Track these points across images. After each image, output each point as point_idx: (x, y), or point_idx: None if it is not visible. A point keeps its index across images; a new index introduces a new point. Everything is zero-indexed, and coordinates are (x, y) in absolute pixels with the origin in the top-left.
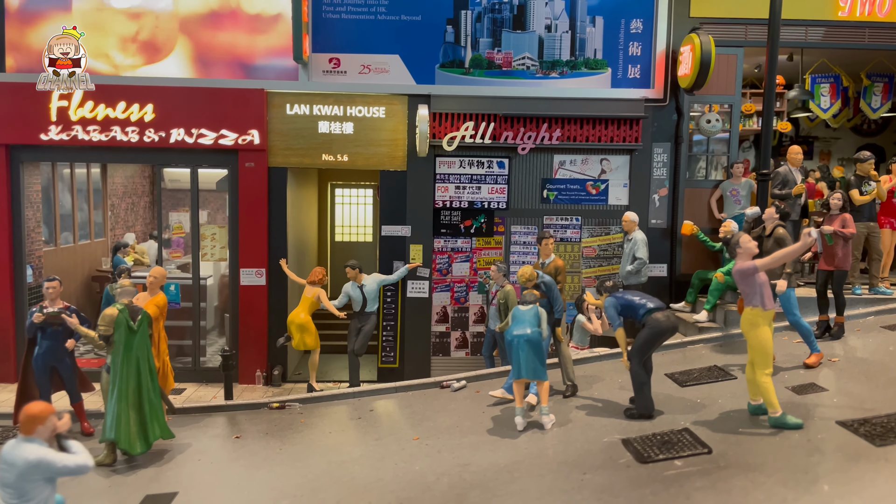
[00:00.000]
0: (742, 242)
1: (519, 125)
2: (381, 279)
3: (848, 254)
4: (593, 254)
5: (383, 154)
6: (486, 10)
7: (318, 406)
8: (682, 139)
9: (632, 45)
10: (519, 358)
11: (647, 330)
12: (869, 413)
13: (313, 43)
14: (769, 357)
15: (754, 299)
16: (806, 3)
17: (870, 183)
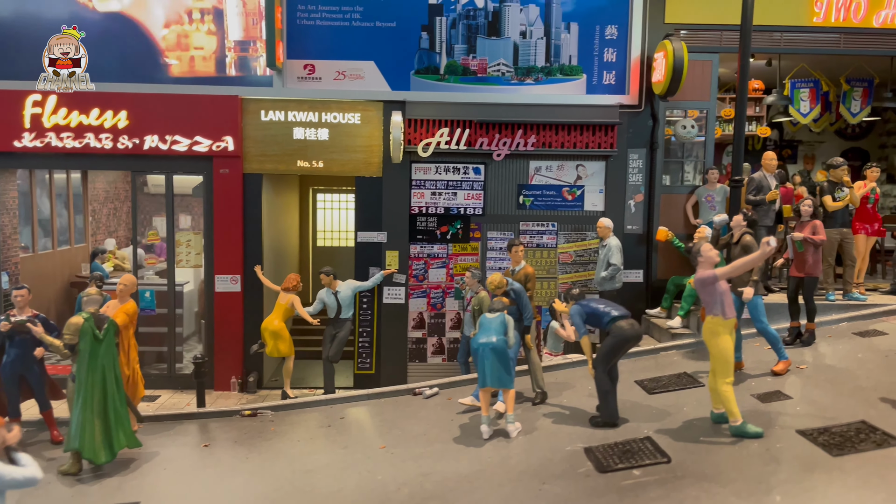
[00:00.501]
0: (703, 251)
1: (494, 131)
2: (356, 286)
3: (818, 260)
4: (569, 260)
5: (359, 160)
6: (460, 17)
7: (290, 413)
8: (658, 145)
9: (607, 52)
10: (484, 366)
11: (611, 338)
12: (830, 422)
13: (288, 49)
14: (730, 366)
15: (715, 308)
16: (781, 10)
17: (843, 189)
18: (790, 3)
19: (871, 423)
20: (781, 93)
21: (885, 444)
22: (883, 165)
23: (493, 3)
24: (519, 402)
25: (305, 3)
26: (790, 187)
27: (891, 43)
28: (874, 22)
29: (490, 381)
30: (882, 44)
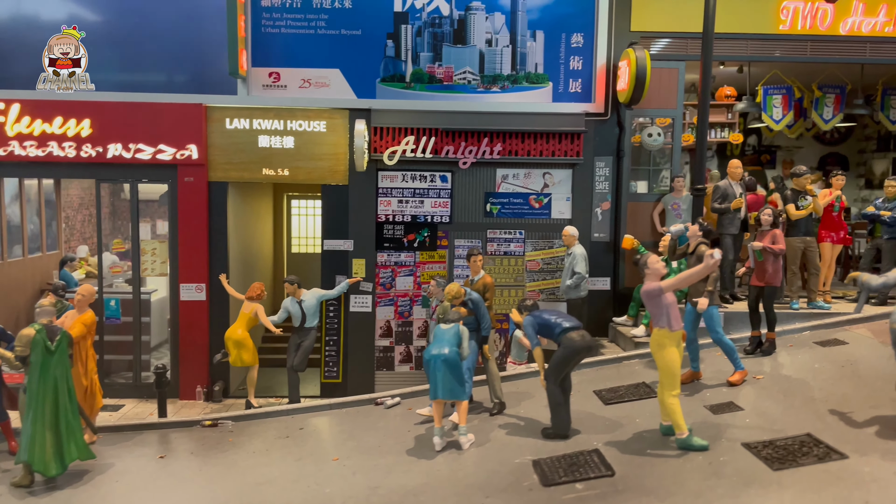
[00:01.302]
0: (649, 263)
1: (460, 139)
2: (321, 294)
3: (778, 270)
4: (537, 267)
5: (324, 168)
6: (426, 25)
7: (250, 424)
8: (624, 153)
9: (573, 60)
10: (436, 378)
11: (562, 349)
12: (776, 434)
13: (253, 57)
14: (676, 378)
15: (661, 320)
16: (747, 18)
17: (806, 198)
18: (757, 12)
19: (817, 437)
20: (752, 100)
21: (827, 458)
22: (861, 171)
23: (459, 11)
24: (477, 413)
25: (270, 11)
26: (761, 194)
27: (857, 50)
28: (841, 30)
29: (441, 394)
30: (849, 51)
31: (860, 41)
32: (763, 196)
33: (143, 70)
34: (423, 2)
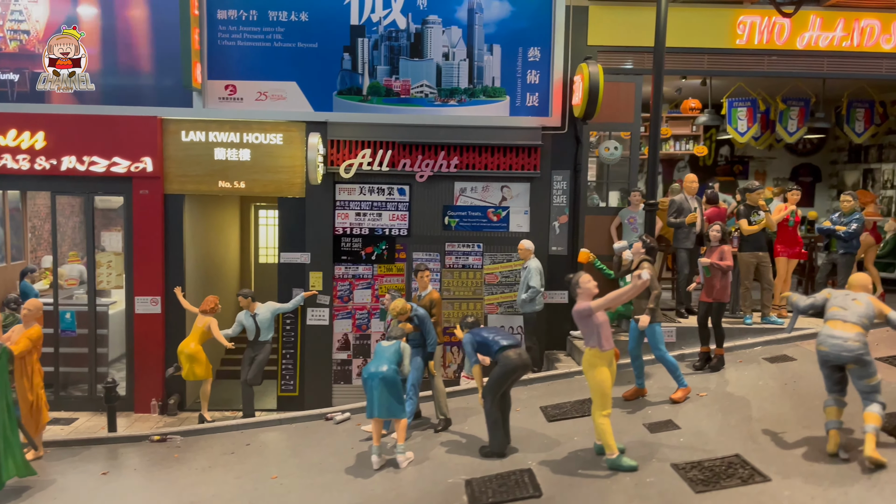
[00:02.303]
0: (581, 283)
1: (417, 152)
2: (276, 308)
3: (726, 286)
4: (495, 280)
5: (281, 181)
6: (382, 38)
7: (199, 439)
8: (581, 167)
9: (530, 74)
10: (372, 396)
11: (499, 367)
12: (707, 455)
13: (209, 70)
14: (607, 398)
15: (591, 340)
16: (705, 32)
17: (759, 213)
18: (714, 26)
19: (745, 458)
20: (714, 112)
21: (750, 481)
22: (833, 181)
23: (416, 24)
24: (422, 429)
25: (226, 23)
26: (723, 207)
27: (815, 65)
28: (798, 44)
29: (378, 412)
30: (806, 65)
31: (818, 55)
32: (725, 209)
33: (98, 82)
34: (379, 15)
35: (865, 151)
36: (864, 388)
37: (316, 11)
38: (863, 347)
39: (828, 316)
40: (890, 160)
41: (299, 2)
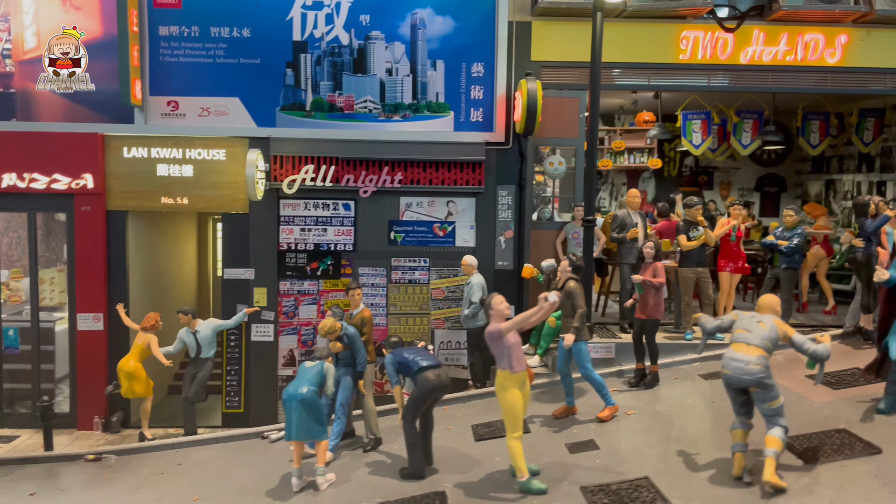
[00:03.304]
0: (493, 304)
1: (361, 168)
2: (217, 324)
3: (659, 303)
4: (442, 295)
5: (225, 196)
6: (325, 54)
7: (133, 458)
8: (525, 182)
9: (474, 89)
10: (291, 418)
11: (418, 389)
12: (617, 477)
13: (151, 86)
14: (517, 420)
15: (502, 362)
16: (648, 47)
17: (698, 228)
18: (657, 42)
19: (653, 481)
20: (663, 126)
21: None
22: (798, 192)
23: (358, 40)
24: (352, 448)
25: (168, 40)
26: (674, 220)
27: (759, 79)
28: (741, 59)
29: (296, 434)
30: (750, 80)
31: (762, 70)
32: (676, 223)
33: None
34: (322, 31)
35: (827, 162)
36: (767, 411)
37: (258, 27)
38: (764, 371)
39: (732, 338)
40: (850, 171)
41: (241, 18)
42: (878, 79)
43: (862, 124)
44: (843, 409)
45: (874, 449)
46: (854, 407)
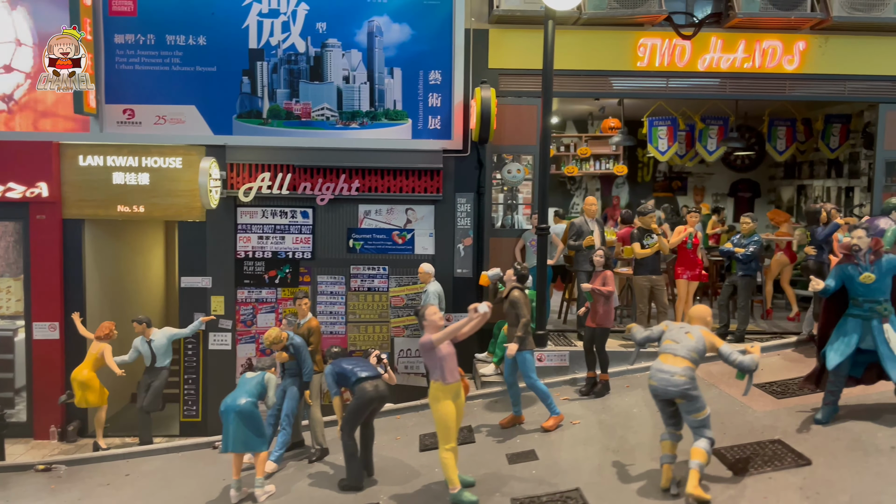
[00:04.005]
0: (427, 315)
1: (318, 175)
2: (172, 333)
3: (609, 311)
4: (401, 303)
5: (181, 205)
6: (282, 62)
7: (84, 468)
8: (484, 189)
9: (431, 97)
10: (228, 430)
11: (355, 399)
12: (550, 489)
13: (107, 94)
14: (450, 432)
15: (435, 373)
16: (607, 56)
17: (652, 236)
18: (615, 49)
19: (583, 492)
20: (625, 133)
21: None
22: (771, 197)
23: (315, 48)
24: (298, 459)
25: (124, 48)
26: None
27: (717, 86)
28: (699, 66)
29: (233, 446)
30: (708, 87)
31: (719, 77)
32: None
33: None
34: (278, 39)
35: (799, 168)
36: (692, 422)
37: (214, 35)
38: (689, 382)
39: (660, 349)
40: (820, 177)
41: (197, 26)
42: (837, 85)
43: (828, 130)
44: (782, 419)
45: (804, 461)
46: (794, 417)
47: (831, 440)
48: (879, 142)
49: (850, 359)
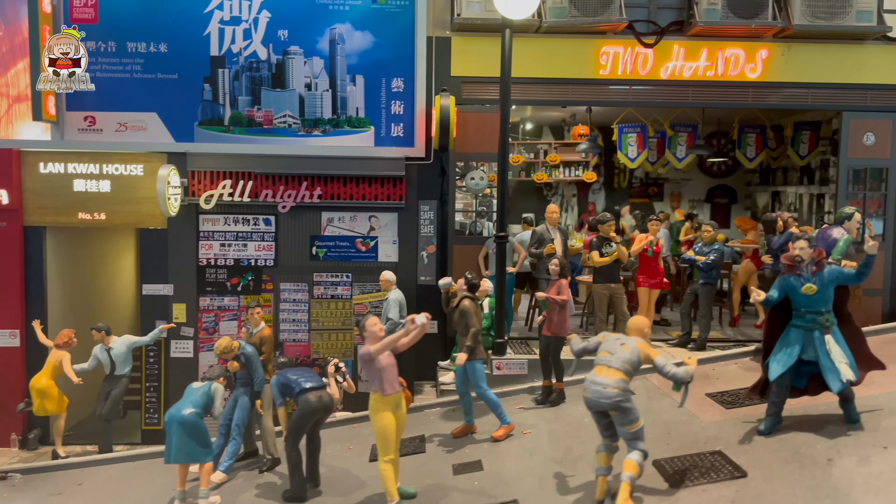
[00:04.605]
0: (367, 326)
1: (280, 183)
2: (132, 341)
3: (564, 320)
4: (365, 311)
5: (142, 212)
6: (243, 69)
7: (39, 476)
8: (447, 196)
9: (394, 104)
10: (171, 440)
11: (298, 410)
12: (489, 500)
13: (67, 101)
14: (389, 444)
15: (374, 384)
16: (569, 64)
17: (611, 245)
18: (577, 57)
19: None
20: (593, 141)
21: None
22: (748, 203)
23: (277, 55)
24: (249, 469)
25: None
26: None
27: (679, 94)
28: (662, 74)
29: (175, 457)
30: (671, 95)
31: (682, 85)
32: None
33: None
34: (240, 46)
35: (773, 174)
36: (626, 434)
37: (175, 42)
38: (622, 394)
39: (596, 360)
40: (793, 183)
41: (158, 33)
42: (800, 93)
43: (797, 137)
44: (727, 430)
45: (740, 473)
46: (739, 427)
47: (771, 452)
48: (843, 149)
49: (792, 370)
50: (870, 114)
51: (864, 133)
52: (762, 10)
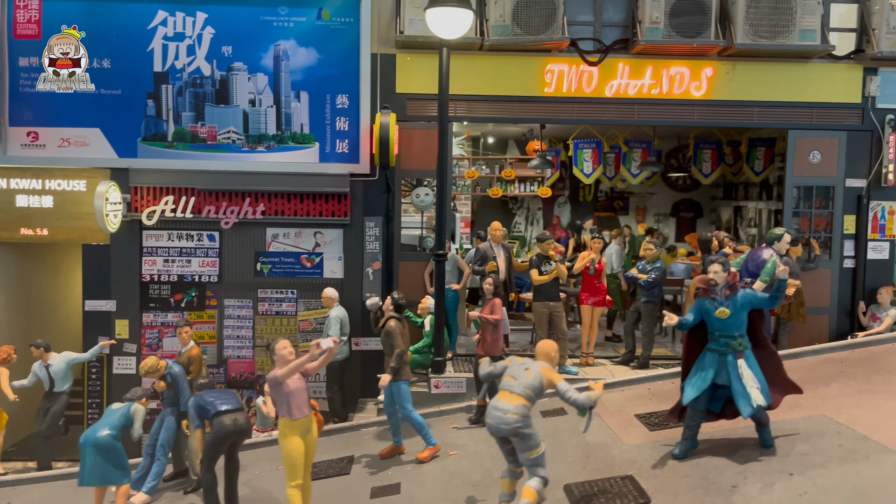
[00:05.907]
0: (276, 349)
1: (223, 199)
2: (71, 358)
3: (497, 339)
4: (310, 327)
5: (85, 228)
6: (187, 85)
7: None
8: (393, 213)
9: (339, 121)
10: (84, 463)
11: (213, 433)
12: None
13: (10, 117)
14: (296, 469)
15: (281, 408)
16: (514, 81)
17: (550, 263)
18: (523, 74)
19: None
20: (543, 158)
21: None
22: (712, 217)
23: (221, 71)
24: (175, 490)
25: (28, 70)
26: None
27: (625, 112)
28: (607, 92)
29: (88, 480)
30: (616, 113)
31: (627, 103)
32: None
33: None
34: (183, 62)
35: (735, 189)
36: (525, 461)
37: (119, 58)
38: (521, 420)
39: (500, 386)
40: (753, 199)
41: (102, 49)
42: (746, 112)
43: (752, 154)
44: (645, 454)
45: (644, 499)
46: (656, 451)
47: (680, 477)
48: (789, 168)
49: (706, 393)
50: (815, 132)
51: (810, 151)
52: (705, 28)
